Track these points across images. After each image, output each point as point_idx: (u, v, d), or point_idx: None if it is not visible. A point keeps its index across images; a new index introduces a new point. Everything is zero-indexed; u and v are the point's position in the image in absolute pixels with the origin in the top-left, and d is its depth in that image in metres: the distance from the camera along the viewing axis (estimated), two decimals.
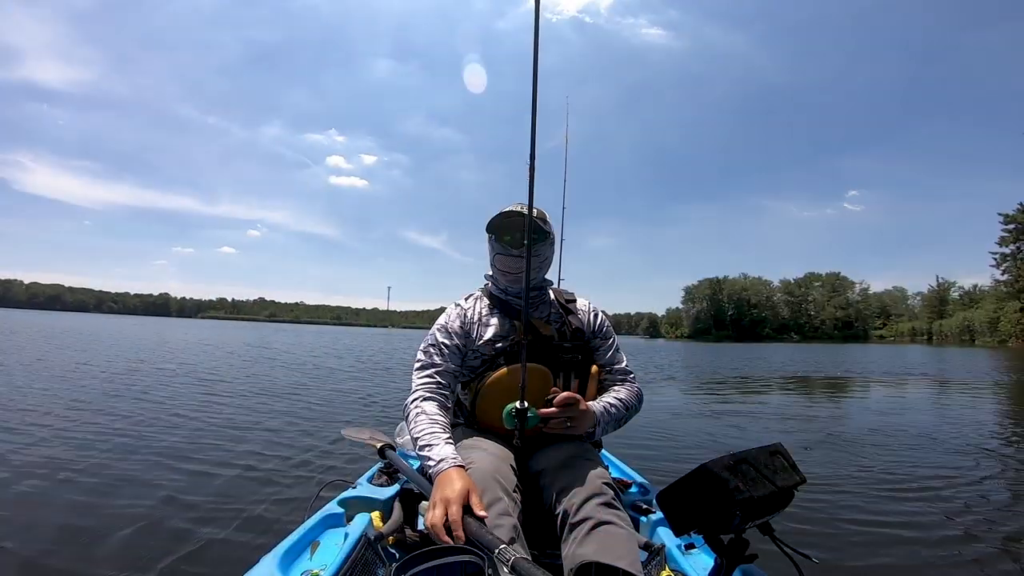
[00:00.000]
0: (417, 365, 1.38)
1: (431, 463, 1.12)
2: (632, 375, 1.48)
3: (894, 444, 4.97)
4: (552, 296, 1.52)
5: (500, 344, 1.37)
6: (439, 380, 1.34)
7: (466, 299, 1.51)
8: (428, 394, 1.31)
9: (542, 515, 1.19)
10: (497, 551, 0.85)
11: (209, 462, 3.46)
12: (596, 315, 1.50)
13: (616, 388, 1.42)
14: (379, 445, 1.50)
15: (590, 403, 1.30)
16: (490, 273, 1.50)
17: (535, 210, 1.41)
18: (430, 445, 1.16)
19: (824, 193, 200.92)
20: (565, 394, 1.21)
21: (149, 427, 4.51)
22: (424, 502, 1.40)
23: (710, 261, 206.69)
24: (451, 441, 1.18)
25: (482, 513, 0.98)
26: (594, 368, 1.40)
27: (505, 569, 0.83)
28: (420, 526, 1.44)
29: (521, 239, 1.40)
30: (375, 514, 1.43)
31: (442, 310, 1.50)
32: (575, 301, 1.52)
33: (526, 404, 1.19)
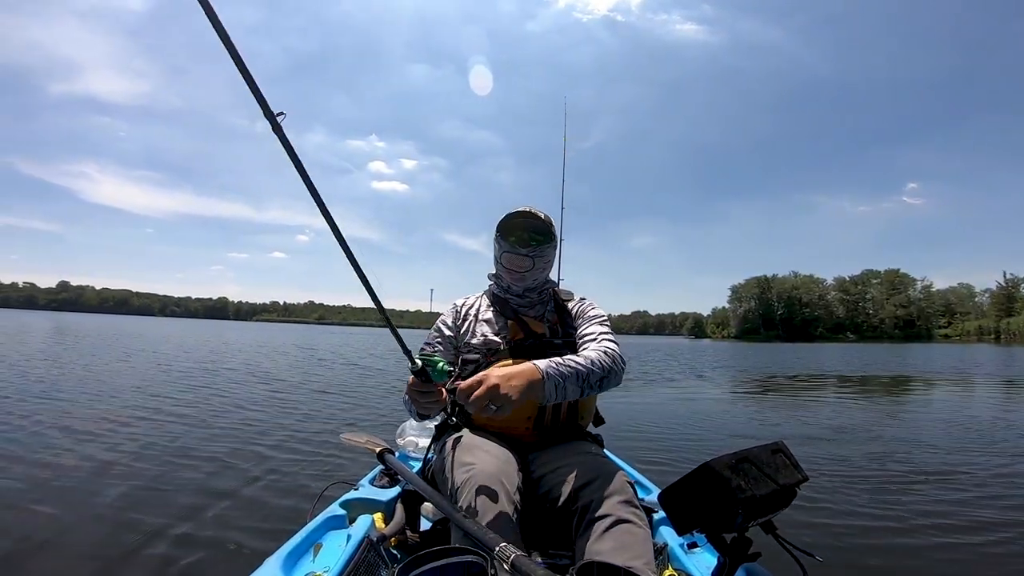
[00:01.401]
0: None
1: None
2: (606, 338, 1.32)
3: (909, 442, 4.93)
4: (551, 295, 1.53)
5: (493, 340, 1.38)
6: None
7: (465, 299, 1.55)
8: None
9: (547, 514, 1.18)
10: (497, 549, 0.85)
11: (213, 464, 3.48)
12: (582, 304, 1.50)
13: (584, 348, 1.32)
14: (378, 450, 1.50)
15: (536, 361, 1.12)
16: (494, 272, 1.53)
17: (542, 214, 1.45)
18: None
19: (880, 187, 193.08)
20: (464, 384, 1.04)
21: (165, 426, 4.57)
22: (426, 503, 1.40)
23: (757, 259, 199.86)
24: None
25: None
26: None
27: (505, 567, 0.83)
28: (422, 527, 1.44)
29: (528, 239, 1.45)
30: (377, 516, 1.44)
31: None
32: (571, 300, 1.53)
33: (425, 361, 1.13)
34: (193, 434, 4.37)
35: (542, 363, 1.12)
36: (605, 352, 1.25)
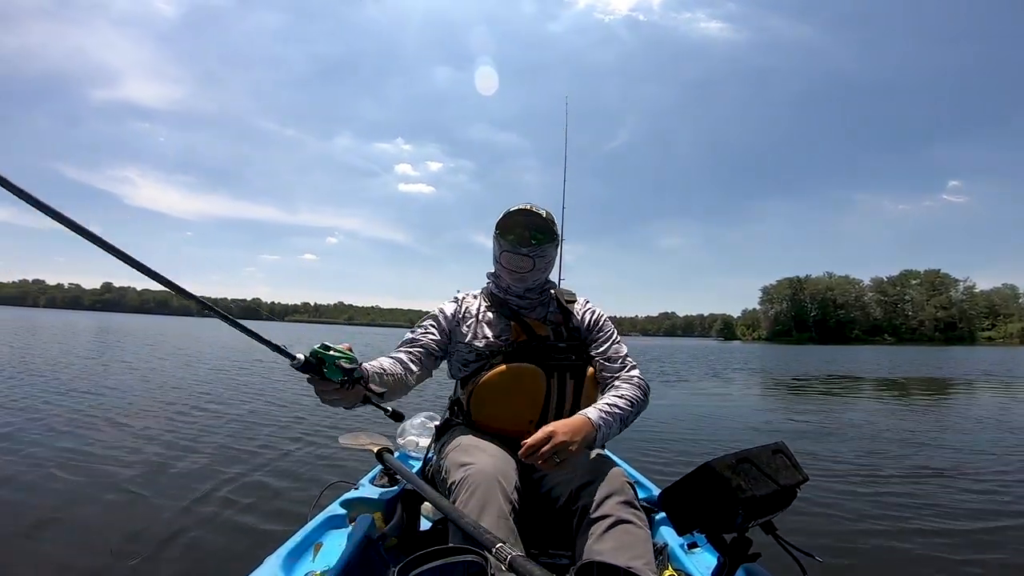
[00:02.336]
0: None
1: None
2: (633, 366, 1.40)
3: (913, 443, 4.93)
4: (553, 296, 1.51)
5: (495, 342, 1.36)
6: (409, 349, 1.34)
7: (466, 295, 1.51)
8: (393, 353, 1.32)
9: (547, 514, 1.18)
10: (495, 549, 0.85)
11: (215, 463, 3.48)
12: (592, 312, 1.48)
13: (616, 385, 1.35)
14: (376, 449, 1.50)
15: (586, 410, 1.21)
16: (492, 271, 1.50)
17: (543, 211, 1.41)
18: None
19: (920, 184, 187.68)
20: (530, 441, 1.10)
21: (174, 424, 4.58)
22: (426, 503, 1.40)
23: (790, 260, 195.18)
24: (375, 367, 1.16)
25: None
26: (591, 369, 1.38)
27: (503, 567, 0.83)
28: (422, 527, 1.44)
29: (528, 237, 1.40)
30: (377, 515, 1.43)
31: None
32: (575, 301, 1.51)
33: (319, 357, 0.99)
34: (199, 433, 4.38)
35: (594, 415, 1.20)
36: (639, 387, 1.33)
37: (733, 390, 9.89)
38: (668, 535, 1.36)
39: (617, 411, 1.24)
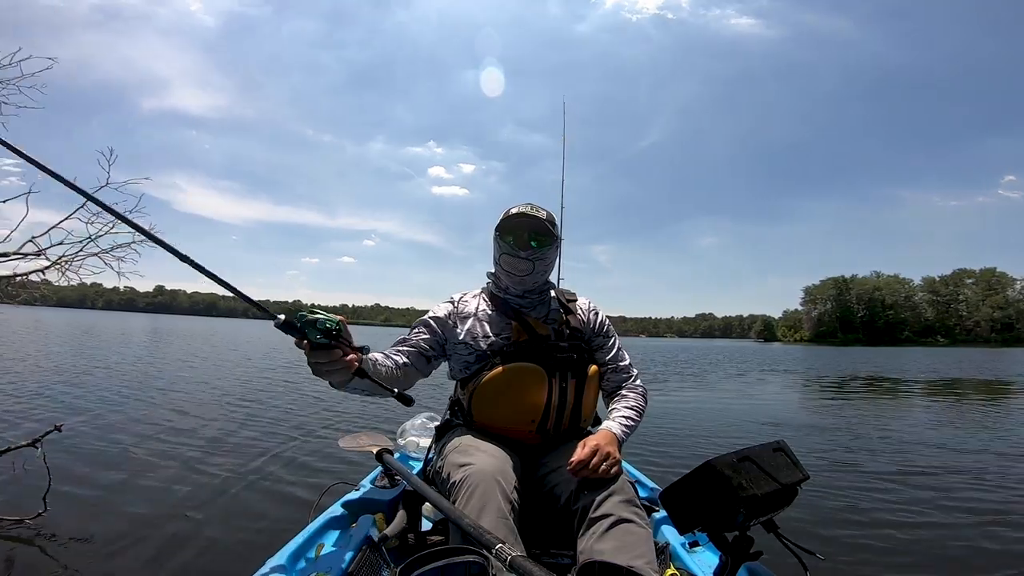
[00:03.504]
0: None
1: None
2: (635, 373, 1.48)
3: (916, 443, 4.94)
4: (553, 295, 1.51)
5: (496, 341, 1.36)
6: (399, 348, 1.36)
7: (463, 295, 1.50)
8: (384, 350, 1.33)
9: (550, 514, 1.18)
10: (495, 550, 0.85)
11: (214, 464, 3.48)
12: (596, 314, 1.50)
13: (624, 395, 1.41)
14: (376, 450, 1.50)
15: (609, 424, 1.30)
16: (492, 271, 1.50)
17: (544, 212, 1.41)
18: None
19: (973, 179, 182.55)
20: (576, 459, 1.13)
21: (184, 422, 4.61)
22: (427, 504, 1.40)
23: (833, 259, 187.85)
24: (370, 357, 1.15)
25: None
26: (593, 368, 1.38)
27: (504, 568, 0.83)
28: (423, 528, 1.44)
29: (527, 240, 1.40)
30: (378, 516, 1.43)
31: None
32: (575, 301, 1.51)
33: (313, 310, 0.96)
34: (200, 432, 4.38)
35: (617, 429, 1.30)
36: (643, 395, 1.45)
37: (748, 390, 9.86)
38: (669, 534, 1.36)
39: (632, 423, 1.35)
